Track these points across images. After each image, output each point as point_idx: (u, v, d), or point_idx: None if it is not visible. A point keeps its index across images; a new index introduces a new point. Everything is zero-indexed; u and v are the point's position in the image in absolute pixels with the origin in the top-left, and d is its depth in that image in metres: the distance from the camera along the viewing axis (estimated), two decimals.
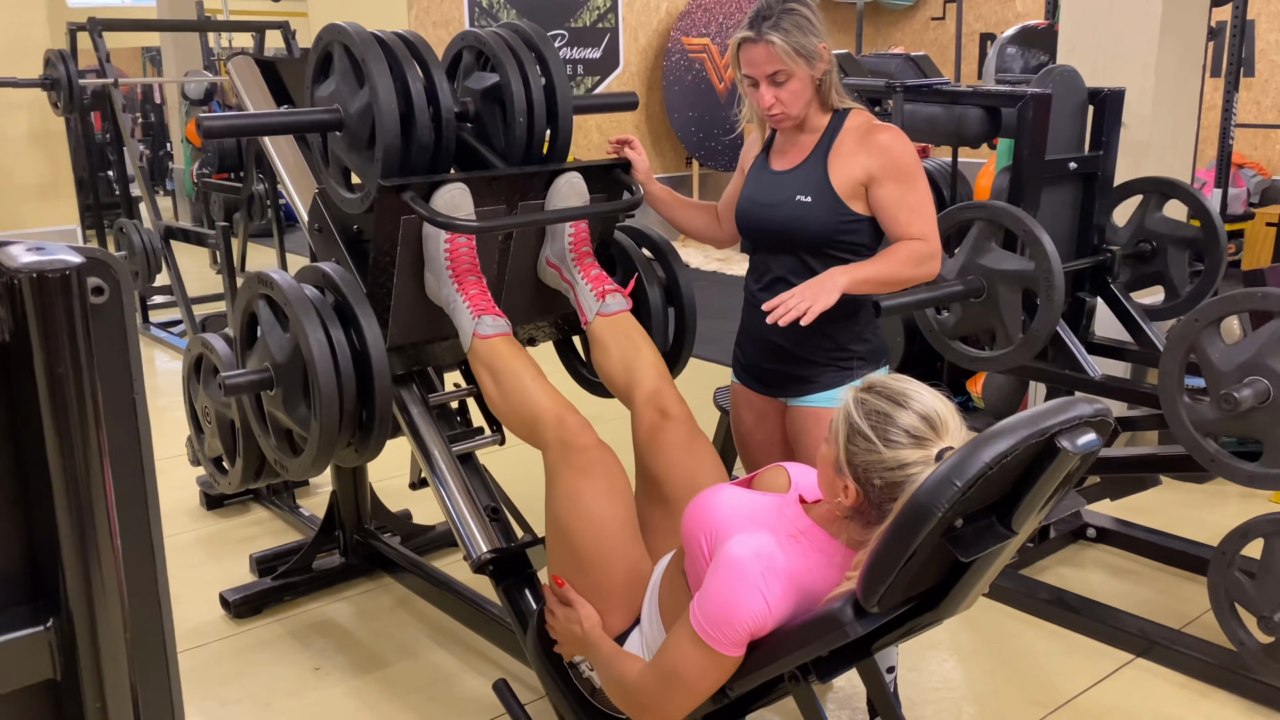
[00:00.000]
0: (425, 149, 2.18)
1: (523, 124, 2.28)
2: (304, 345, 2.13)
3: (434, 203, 2.13)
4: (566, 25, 8.07)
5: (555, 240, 2.36)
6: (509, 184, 2.27)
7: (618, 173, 2.42)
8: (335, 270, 2.27)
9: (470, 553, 2.23)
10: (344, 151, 2.25)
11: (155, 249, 5.27)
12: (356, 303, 2.21)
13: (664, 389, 2.18)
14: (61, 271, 0.81)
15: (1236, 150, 6.52)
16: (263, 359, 2.27)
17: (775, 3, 2.14)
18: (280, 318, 2.25)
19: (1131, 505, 3.39)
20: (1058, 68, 3.05)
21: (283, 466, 2.37)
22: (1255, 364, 2.35)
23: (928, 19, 9.56)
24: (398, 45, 2.18)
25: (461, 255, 2.22)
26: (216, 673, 2.76)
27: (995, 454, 1.40)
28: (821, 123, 2.23)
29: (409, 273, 2.25)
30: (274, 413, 2.31)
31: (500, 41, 2.29)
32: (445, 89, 2.21)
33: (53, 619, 0.91)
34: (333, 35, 2.21)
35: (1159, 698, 2.58)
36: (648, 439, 2.13)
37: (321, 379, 2.12)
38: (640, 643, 1.90)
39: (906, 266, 2.13)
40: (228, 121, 2.27)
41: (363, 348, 2.19)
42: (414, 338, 2.36)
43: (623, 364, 2.23)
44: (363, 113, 2.15)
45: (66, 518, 0.87)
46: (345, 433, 2.22)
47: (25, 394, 0.86)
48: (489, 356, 2.16)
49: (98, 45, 5.79)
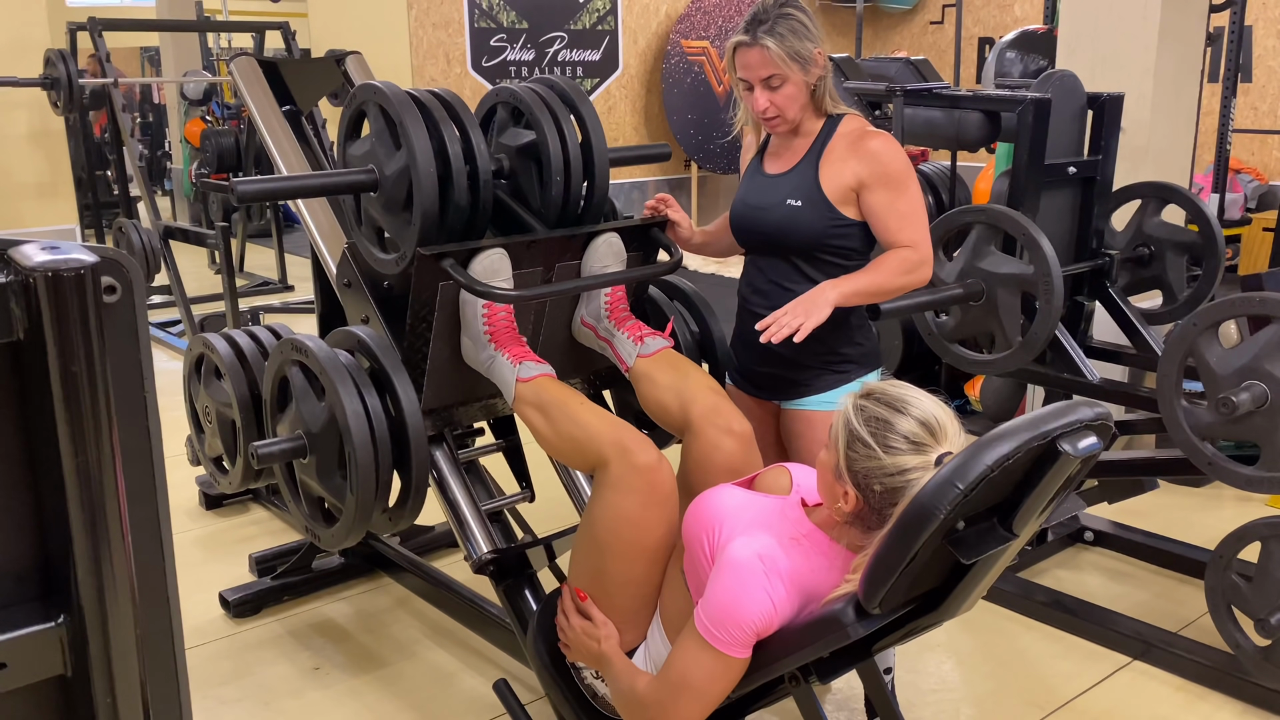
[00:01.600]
0: (462, 211, 2.12)
1: (559, 183, 2.22)
2: (340, 416, 2.06)
3: (472, 269, 2.07)
4: (566, 27, 8.08)
5: (591, 301, 2.31)
6: (546, 246, 2.21)
7: (655, 232, 2.37)
8: (369, 335, 2.20)
9: (471, 553, 2.24)
10: (378, 212, 2.19)
11: (154, 249, 5.27)
12: (393, 369, 2.13)
13: (723, 405, 2.09)
14: (76, 270, 0.82)
15: (1234, 155, 6.54)
16: (295, 426, 2.21)
17: (771, 7, 2.15)
18: (314, 385, 2.17)
19: (1128, 509, 3.40)
20: (1057, 72, 3.06)
21: (315, 535, 2.29)
22: (1253, 368, 2.36)
23: (926, 23, 9.58)
24: (434, 105, 2.13)
25: (500, 321, 2.15)
26: (216, 672, 2.76)
27: (997, 457, 1.42)
28: (815, 127, 2.24)
29: (445, 338, 2.19)
30: (306, 481, 2.24)
31: (536, 98, 2.24)
32: (483, 150, 2.15)
33: (64, 615, 0.92)
34: (368, 95, 2.14)
35: (1156, 700, 2.59)
36: (703, 458, 2.05)
37: (359, 452, 2.05)
38: (645, 656, 1.90)
39: (896, 276, 2.14)
40: (260, 186, 2.18)
41: (399, 415, 2.11)
42: (447, 401, 2.29)
43: (674, 390, 2.12)
44: (399, 175, 2.09)
45: (79, 514, 0.88)
46: (380, 502, 2.15)
47: (38, 391, 0.87)
48: (535, 395, 2.06)
49: (97, 45, 5.80)
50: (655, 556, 1.89)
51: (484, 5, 7.64)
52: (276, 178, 2.51)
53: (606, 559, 1.89)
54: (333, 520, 2.23)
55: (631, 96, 8.60)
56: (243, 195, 2.08)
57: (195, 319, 5.40)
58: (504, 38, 7.78)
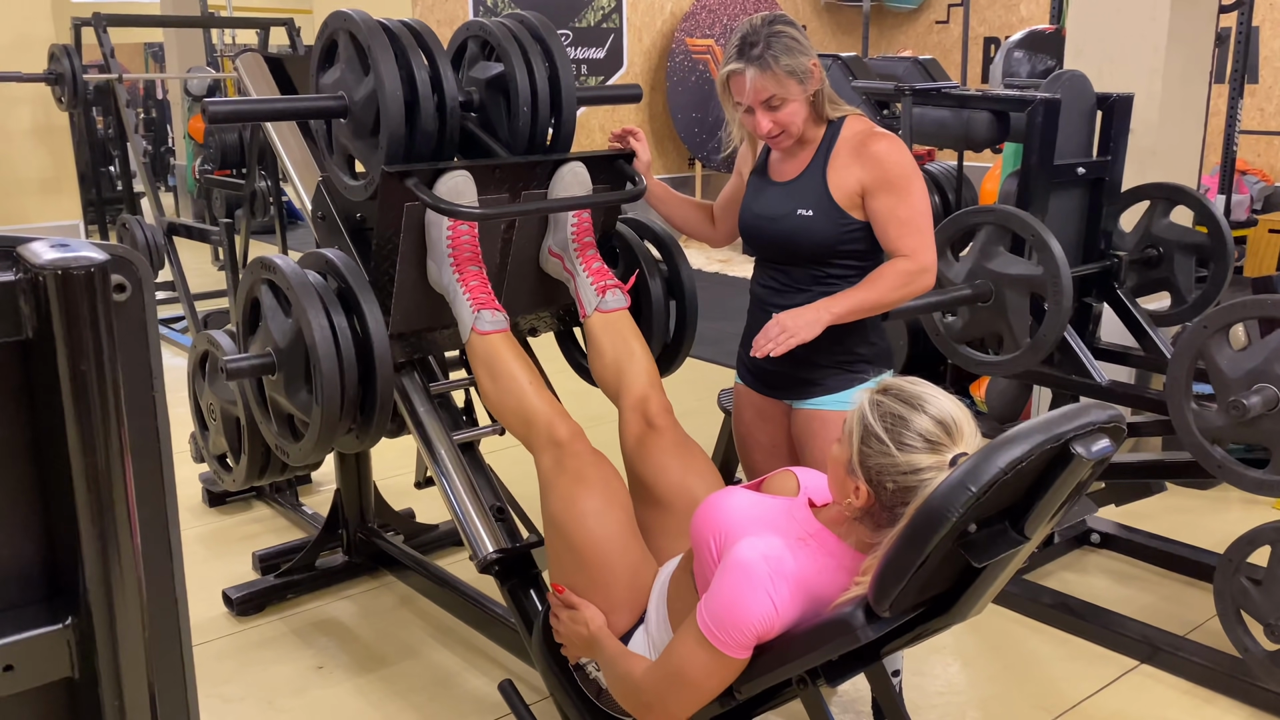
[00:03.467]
0: (429, 137, 2.18)
1: (527, 114, 2.28)
2: (306, 330, 2.14)
3: (437, 190, 2.13)
4: (571, 25, 8.06)
5: (558, 229, 2.38)
6: (512, 172, 2.27)
7: (621, 163, 2.42)
8: (338, 256, 2.27)
9: (476, 552, 2.23)
10: (348, 139, 2.26)
11: (158, 245, 5.25)
12: (359, 289, 2.21)
13: (651, 396, 2.20)
14: (86, 269, 0.81)
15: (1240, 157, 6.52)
16: (265, 344, 2.27)
17: (760, 27, 2.12)
18: (283, 302, 2.25)
19: (1135, 511, 3.39)
20: (1066, 72, 3.05)
21: (284, 452, 2.37)
22: (1264, 371, 2.34)
23: (932, 22, 9.57)
24: (403, 33, 2.18)
25: (464, 243, 2.23)
26: (219, 670, 2.75)
27: (1010, 459, 1.40)
28: (817, 134, 2.22)
29: (412, 260, 2.26)
30: (276, 398, 2.31)
31: (505, 31, 2.30)
32: (450, 78, 2.22)
33: (71, 617, 0.91)
34: (338, 23, 2.21)
35: (1163, 704, 2.58)
36: (635, 445, 2.16)
37: (324, 363, 2.12)
38: (646, 642, 1.90)
39: (895, 289, 2.14)
40: (233, 106, 2.28)
41: (365, 333, 2.19)
42: (416, 325, 2.36)
43: (614, 366, 2.25)
44: (367, 100, 2.16)
45: (87, 515, 0.87)
46: (346, 418, 2.22)
47: (46, 390, 0.86)
48: (487, 354, 2.17)
49: (102, 40, 5.78)
50: (615, 531, 1.96)
51: (489, 2, 7.63)
52: (248, 99, 2.57)
53: (573, 543, 1.96)
54: (301, 437, 2.29)
55: None
56: (214, 115, 2.14)
57: (199, 315, 5.39)
58: None
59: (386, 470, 3.55)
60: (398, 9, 7.32)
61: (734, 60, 2.13)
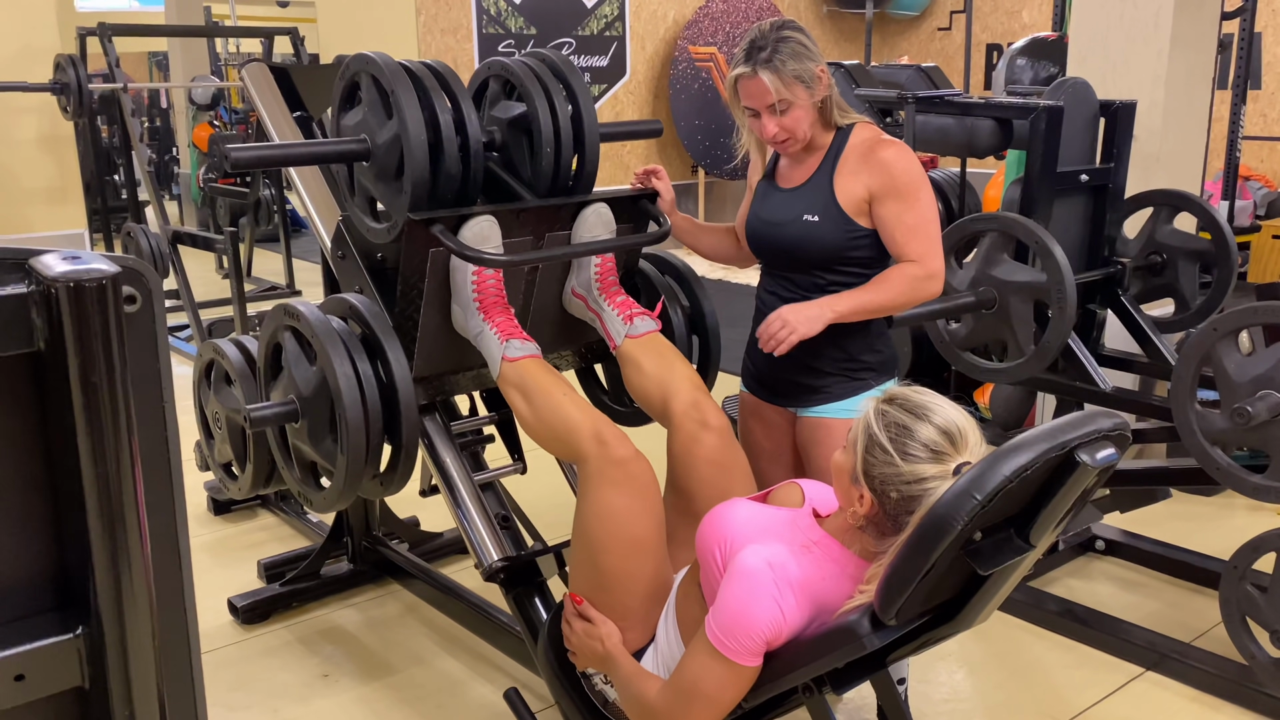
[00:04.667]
0: (453, 180, 2.15)
1: (549, 154, 2.25)
2: (331, 379, 2.10)
3: (462, 235, 2.10)
4: (574, 33, 8.08)
5: (581, 271, 2.34)
6: (536, 215, 2.24)
7: (644, 203, 2.39)
8: (361, 301, 2.23)
9: (482, 561, 2.23)
10: (370, 181, 2.22)
11: (163, 254, 5.29)
12: (383, 334, 2.17)
13: (701, 400, 2.13)
14: (98, 281, 0.82)
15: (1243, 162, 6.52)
16: (288, 391, 2.23)
17: (769, 32, 2.13)
18: (306, 350, 2.21)
19: (1139, 517, 3.38)
20: (1070, 80, 3.05)
21: (307, 500, 2.33)
22: (1270, 378, 2.34)
23: (934, 29, 9.58)
24: (426, 75, 2.15)
25: (489, 288, 2.19)
26: (224, 679, 2.75)
27: (1015, 467, 1.40)
28: (825, 141, 2.22)
29: (435, 304, 2.22)
30: (298, 445, 2.27)
31: (527, 71, 2.27)
32: (474, 120, 2.18)
33: (82, 626, 0.91)
34: (360, 65, 2.17)
35: (1170, 712, 2.57)
36: (684, 452, 2.09)
37: (349, 412, 2.08)
38: (655, 661, 1.89)
39: (901, 293, 2.14)
40: (255, 153, 2.22)
41: (389, 380, 2.15)
42: (439, 369, 2.32)
43: (657, 379, 2.18)
44: (391, 144, 2.13)
45: (98, 525, 0.87)
46: (371, 466, 2.18)
47: (57, 401, 0.87)
48: (519, 377, 2.11)
49: (107, 50, 5.81)
50: (646, 549, 1.91)
51: (492, 11, 7.65)
52: (270, 145, 2.55)
53: (599, 556, 1.92)
54: (324, 485, 2.27)
55: (639, 102, 8.61)
56: (236, 162, 2.11)
57: (203, 324, 5.40)
58: (512, 44, 7.79)
59: None
60: (402, 15, 7.34)
61: (742, 64, 2.14)
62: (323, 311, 2.21)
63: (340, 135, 2.25)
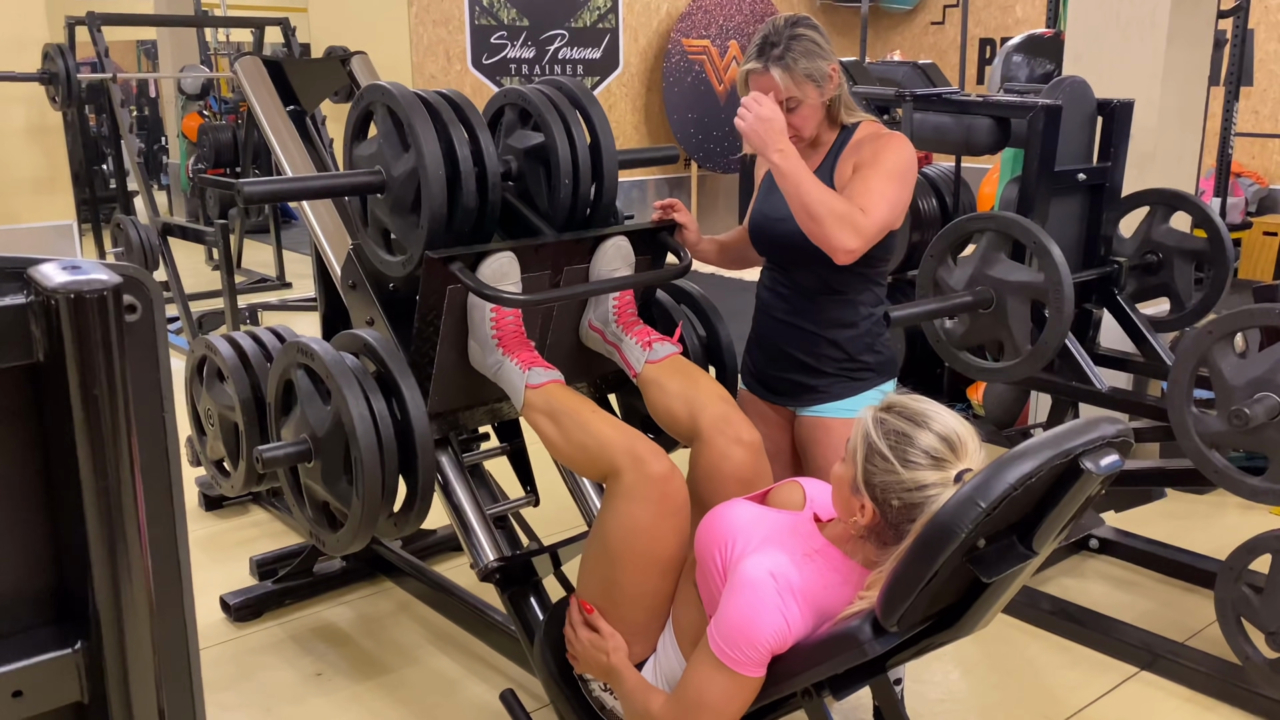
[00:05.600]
0: (470, 213, 2.10)
1: (568, 185, 2.20)
2: (346, 419, 2.04)
3: (481, 273, 2.05)
4: (567, 25, 8.05)
5: (599, 305, 2.29)
6: (555, 250, 2.19)
7: (664, 236, 2.35)
8: (375, 339, 2.18)
9: (477, 561, 2.22)
10: (385, 214, 2.17)
11: (152, 246, 5.24)
12: (399, 374, 2.11)
13: (732, 414, 2.05)
14: (99, 292, 0.80)
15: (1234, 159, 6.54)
16: (300, 430, 2.18)
17: (783, 28, 2.12)
18: (319, 388, 2.15)
19: (1132, 516, 3.39)
20: (1067, 78, 3.04)
21: (320, 541, 2.27)
22: (1267, 380, 2.34)
23: (927, 24, 9.57)
24: (443, 107, 2.10)
25: (508, 325, 2.14)
26: (216, 677, 2.73)
27: (1019, 475, 1.40)
28: (830, 138, 2.22)
29: (452, 342, 2.17)
30: (311, 485, 2.22)
31: (544, 100, 2.22)
32: (491, 152, 2.13)
33: (81, 641, 0.90)
34: (376, 96, 2.12)
35: (1164, 712, 2.58)
36: (711, 468, 2.02)
37: (365, 455, 2.03)
38: (655, 670, 1.88)
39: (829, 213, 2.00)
40: (268, 187, 2.15)
41: (405, 419, 2.10)
42: (453, 405, 2.28)
43: (682, 398, 2.09)
44: (407, 177, 2.07)
45: (98, 538, 0.86)
46: (386, 506, 2.13)
47: (58, 412, 0.85)
48: (546, 402, 2.03)
49: (96, 39, 5.76)
50: (667, 568, 1.86)
51: (484, 2, 7.61)
52: (283, 179, 2.49)
53: (618, 570, 1.86)
54: (338, 525, 2.21)
55: (632, 95, 8.58)
56: (249, 197, 2.05)
57: (193, 317, 5.37)
58: (504, 35, 7.75)
59: None
60: (393, 6, 7.30)
61: (754, 60, 2.13)
62: (336, 348, 2.15)
63: (354, 166, 2.19)
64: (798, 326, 2.26)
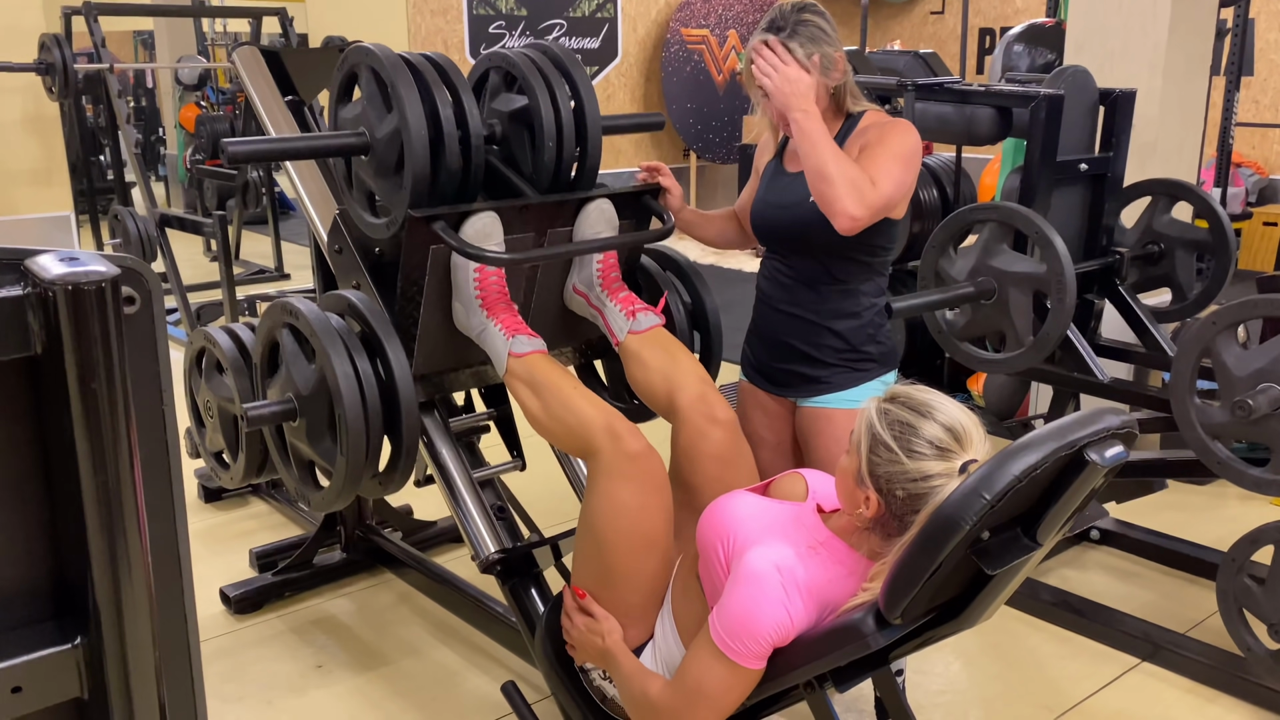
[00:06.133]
0: (454, 175, 2.11)
1: (552, 148, 2.21)
2: (330, 378, 2.06)
3: (464, 232, 2.06)
4: (565, 14, 8.02)
5: (583, 268, 2.30)
6: (538, 212, 2.20)
7: (647, 199, 2.36)
8: (360, 299, 2.19)
9: (478, 553, 2.21)
10: (369, 176, 2.18)
11: (150, 237, 5.22)
12: (383, 333, 2.13)
13: (708, 393, 2.09)
14: (97, 284, 0.79)
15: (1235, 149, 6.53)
16: (285, 389, 2.19)
17: (790, 12, 2.11)
18: (305, 348, 2.17)
19: (1133, 507, 3.39)
20: (1069, 68, 3.03)
21: (305, 500, 2.30)
22: (1270, 371, 2.33)
23: (926, 13, 9.54)
24: (426, 69, 2.11)
25: (491, 285, 2.15)
26: (217, 670, 2.73)
27: (1024, 467, 1.39)
28: (835, 126, 2.21)
29: (436, 303, 2.19)
30: (296, 444, 2.24)
31: (529, 63, 2.22)
32: (475, 114, 2.14)
33: (80, 636, 0.89)
34: (360, 57, 2.13)
35: (1165, 702, 2.58)
36: (689, 447, 2.05)
37: (348, 412, 2.05)
38: (654, 656, 1.88)
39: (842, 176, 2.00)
40: (253, 147, 2.17)
41: (389, 379, 2.12)
42: (439, 366, 2.29)
43: (662, 373, 2.13)
44: (390, 138, 2.08)
45: (97, 533, 0.85)
46: (370, 466, 2.15)
47: (55, 406, 0.84)
48: (527, 373, 2.06)
49: (93, 30, 5.73)
50: (654, 545, 1.88)
51: None
52: (268, 139, 2.50)
53: (606, 552, 1.88)
54: (323, 485, 2.24)
55: (630, 85, 8.55)
56: (234, 156, 2.07)
57: (192, 308, 5.35)
58: (502, 25, 7.72)
59: None
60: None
61: (760, 35, 2.12)
62: (321, 309, 2.17)
63: (338, 128, 2.20)
64: (799, 317, 2.25)
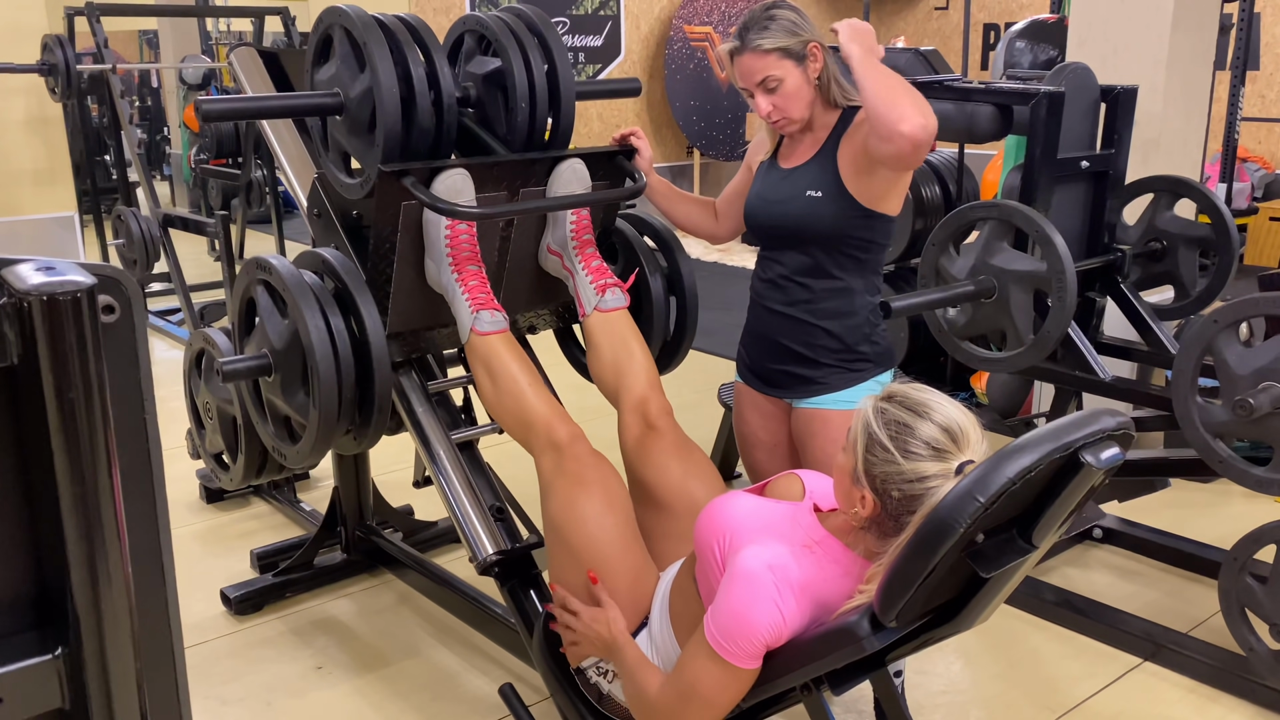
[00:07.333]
0: (426, 134, 2.16)
1: (525, 109, 2.26)
2: (303, 332, 2.12)
3: (435, 188, 2.11)
4: (568, 12, 8.01)
5: (557, 227, 2.36)
6: (511, 170, 2.25)
7: (620, 160, 2.40)
8: (334, 256, 2.25)
9: (476, 554, 2.21)
10: (344, 136, 2.23)
11: (154, 237, 5.23)
12: (356, 289, 2.19)
13: (651, 397, 2.18)
14: (73, 294, 0.78)
15: (1240, 144, 6.49)
16: (261, 345, 2.25)
17: (759, 12, 2.15)
18: (279, 304, 2.23)
19: (1136, 505, 3.37)
20: (1070, 65, 3.02)
21: (281, 454, 2.35)
22: (1272, 370, 2.32)
23: (930, 9, 9.51)
24: (399, 29, 2.15)
25: (462, 242, 2.20)
26: (217, 671, 2.73)
27: (1018, 469, 1.38)
28: (830, 119, 2.20)
29: (409, 259, 2.24)
30: (272, 399, 2.30)
31: (503, 25, 2.27)
32: (447, 73, 2.19)
33: (61, 647, 0.89)
34: (333, 18, 2.19)
35: (1167, 702, 2.56)
36: (635, 447, 2.15)
37: (320, 366, 2.11)
38: (650, 645, 1.88)
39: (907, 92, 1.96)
40: (226, 105, 2.24)
41: (362, 334, 2.18)
42: (413, 324, 2.34)
43: (613, 367, 2.23)
44: (363, 97, 2.13)
45: (76, 545, 0.84)
46: (344, 420, 2.21)
47: (33, 417, 0.83)
48: (486, 355, 2.15)
49: (95, 30, 5.73)
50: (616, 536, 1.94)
51: None
52: (243, 98, 2.56)
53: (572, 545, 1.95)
54: (298, 439, 2.28)
55: None
56: (207, 114, 2.12)
57: (195, 307, 5.36)
58: None
59: (385, 466, 3.53)
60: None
61: (731, 41, 2.17)
62: (296, 266, 2.22)
63: (314, 89, 2.25)
64: (793, 317, 2.24)
